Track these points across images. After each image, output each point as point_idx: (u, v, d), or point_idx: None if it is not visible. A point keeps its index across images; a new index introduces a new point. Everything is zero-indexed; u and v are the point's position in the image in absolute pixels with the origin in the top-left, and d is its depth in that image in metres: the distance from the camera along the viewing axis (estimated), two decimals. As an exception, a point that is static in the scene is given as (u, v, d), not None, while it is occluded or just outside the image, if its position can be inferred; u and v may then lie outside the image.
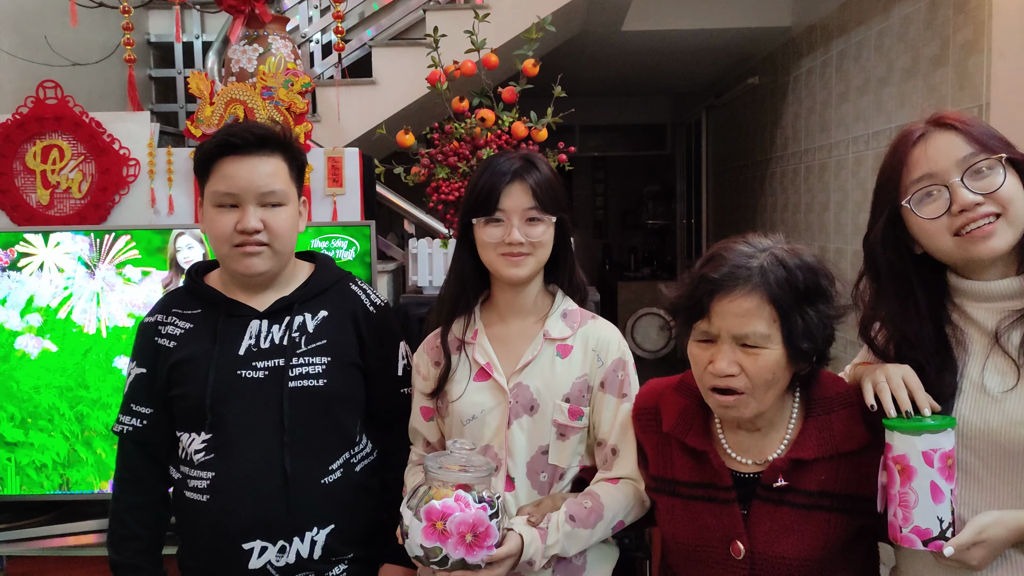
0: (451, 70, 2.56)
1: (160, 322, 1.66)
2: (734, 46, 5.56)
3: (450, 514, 1.36)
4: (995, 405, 1.29)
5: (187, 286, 1.70)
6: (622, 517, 1.58)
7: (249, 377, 1.60)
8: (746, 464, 1.43)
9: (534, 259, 1.59)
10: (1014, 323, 1.30)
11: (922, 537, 1.24)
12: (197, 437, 1.61)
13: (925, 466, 1.24)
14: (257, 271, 1.61)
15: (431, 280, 2.68)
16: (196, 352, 1.61)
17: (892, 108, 3.64)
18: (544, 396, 1.59)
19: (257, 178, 1.58)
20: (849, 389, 1.43)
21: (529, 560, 1.47)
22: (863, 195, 3.94)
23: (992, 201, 1.28)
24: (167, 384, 1.63)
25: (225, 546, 1.57)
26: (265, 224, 1.58)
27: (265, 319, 1.64)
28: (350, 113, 3.90)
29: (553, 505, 1.55)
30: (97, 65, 3.41)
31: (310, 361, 1.63)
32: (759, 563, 1.37)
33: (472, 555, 1.37)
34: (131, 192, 2.54)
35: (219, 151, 1.59)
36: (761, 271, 1.32)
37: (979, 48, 2.92)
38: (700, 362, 1.37)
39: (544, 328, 1.62)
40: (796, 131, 4.98)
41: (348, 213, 2.58)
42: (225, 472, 1.58)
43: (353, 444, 1.69)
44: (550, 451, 1.59)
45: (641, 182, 8.99)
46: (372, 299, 1.76)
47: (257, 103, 2.46)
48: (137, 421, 1.66)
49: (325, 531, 1.62)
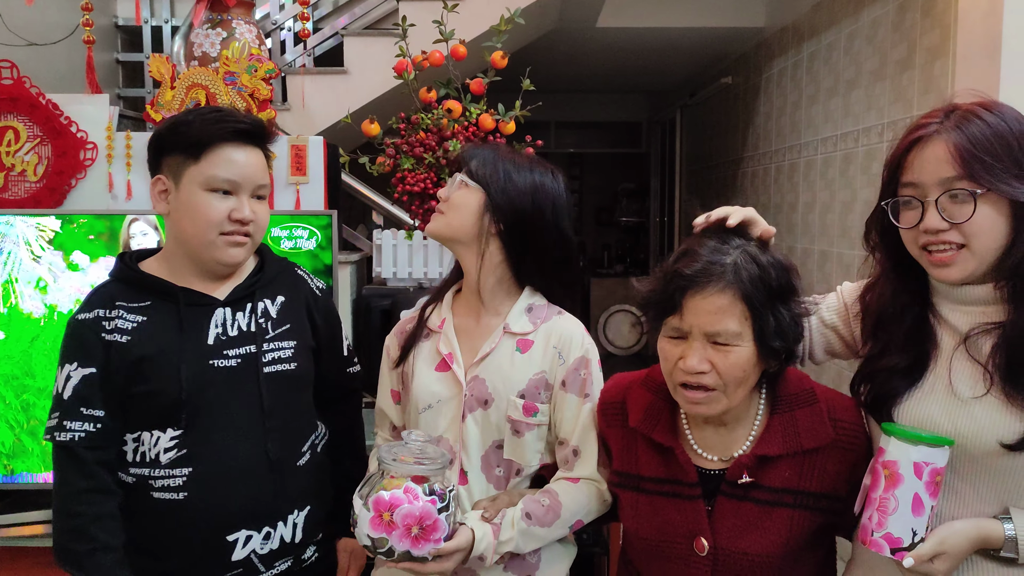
0: (419, 60, 2.54)
1: (104, 317, 1.56)
2: (708, 45, 5.57)
3: (397, 505, 1.35)
4: (965, 410, 1.29)
5: (125, 276, 1.62)
6: (581, 517, 1.56)
7: (222, 366, 1.57)
8: (711, 460, 1.43)
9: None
10: (984, 333, 1.30)
11: (891, 545, 1.25)
12: (163, 435, 1.54)
13: (913, 476, 1.23)
14: (238, 261, 1.60)
15: (395, 272, 2.67)
16: (160, 346, 1.55)
17: (859, 111, 3.66)
18: (499, 391, 1.57)
19: (256, 169, 1.59)
20: (814, 387, 1.43)
21: (480, 556, 1.45)
22: (831, 196, 3.96)
23: (958, 231, 1.26)
24: (126, 383, 1.54)
25: (207, 540, 1.54)
26: (254, 215, 1.58)
27: (228, 307, 1.61)
28: (320, 102, 3.86)
29: (510, 501, 1.54)
30: (61, 47, 3.34)
31: (280, 346, 1.63)
32: (722, 559, 1.37)
33: (418, 548, 1.36)
34: (88, 176, 2.50)
35: (226, 135, 1.55)
36: (734, 268, 1.32)
37: (945, 52, 2.94)
38: (670, 358, 1.37)
39: (505, 322, 1.60)
40: (767, 131, 5.00)
41: (312, 202, 2.56)
42: (204, 466, 1.54)
43: (316, 425, 1.72)
44: (505, 446, 1.58)
45: (616, 179, 8.99)
46: (316, 283, 1.78)
47: (219, 88, 2.42)
48: (90, 426, 1.53)
49: (304, 513, 1.63)
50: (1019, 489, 1.28)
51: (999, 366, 1.27)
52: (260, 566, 1.59)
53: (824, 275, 3.97)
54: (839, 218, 3.85)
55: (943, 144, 1.25)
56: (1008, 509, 1.28)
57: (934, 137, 1.27)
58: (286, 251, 2.24)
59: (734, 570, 1.37)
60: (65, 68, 3.44)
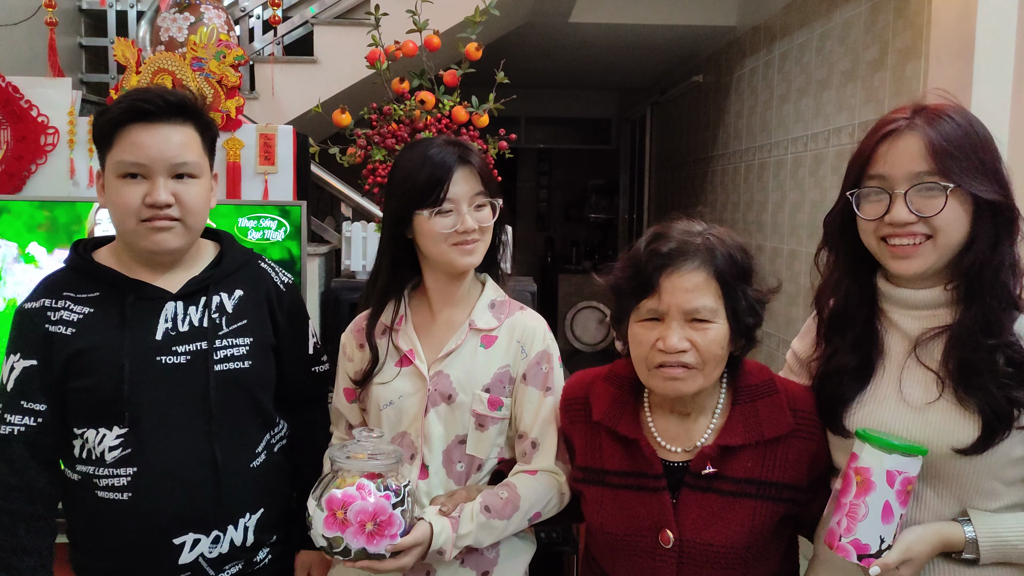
0: (392, 50, 2.50)
1: (50, 307, 1.51)
2: (680, 43, 5.58)
3: (350, 503, 1.34)
4: (918, 416, 1.30)
5: (76, 265, 1.56)
6: (539, 509, 1.56)
7: (169, 363, 1.51)
8: (675, 452, 1.44)
9: (483, 244, 1.57)
10: (934, 337, 1.32)
11: (859, 551, 1.25)
12: (108, 433, 1.49)
13: (885, 484, 1.24)
14: (167, 248, 1.51)
15: (364, 265, 2.63)
16: (101, 340, 1.49)
17: (831, 111, 3.68)
18: (464, 385, 1.56)
19: (169, 148, 1.47)
20: (773, 377, 1.45)
21: (439, 550, 1.44)
22: (800, 196, 3.98)
23: (925, 223, 1.28)
24: (64, 376, 1.49)
25: (152, 543, 1.49)
26: (177, 198, 1.48)
27: (179, 300, 1.55)
28: (290, 92, 3.81)
29: (468, 496, 1.53)
30: (22, 29, 3.25)
31: (233, 343, 1.56)
32: (687, 551, 1.38)
33: (373, 544, 1.35)
34: (49, 162, 2.44)
35: (127, 116, 1.46)
36: (707, 247, 1.36)
37: (917, 53, 2.96)
38: (646, 341, 1.37)
39: (470, 318, 1.59)
40: (738, 130, 5.02)
41: (280, 192, 2.52)
42: (149, 466, 1.49)
43: (273, 425, 1.66)
44: (468, 441, 1.57)
45: (585, 176, 9.01)
46: (281, 277, 1.70)
47: (186, 74, 2.37)
48: (30, 419, 1.49)
49: (256, 516, 1.58)
50: (977, 490, 1.29)
51: (951, 371, 1.28)
52: (209, 570, 1.54)
53: (792, 274, 4.00)
54: (808, 218, 3.87)
55: (916, 139, 1.27)
56: (967, 511, 1.30)
57: (906, 132, 1.29)
58: (253, 242, 2.20)
59: (699, 562, 1.38)
60: (26, 51, 3.35)
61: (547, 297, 7.77)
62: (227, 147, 2.47)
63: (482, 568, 1.57)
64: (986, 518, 1.28)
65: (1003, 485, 1.29)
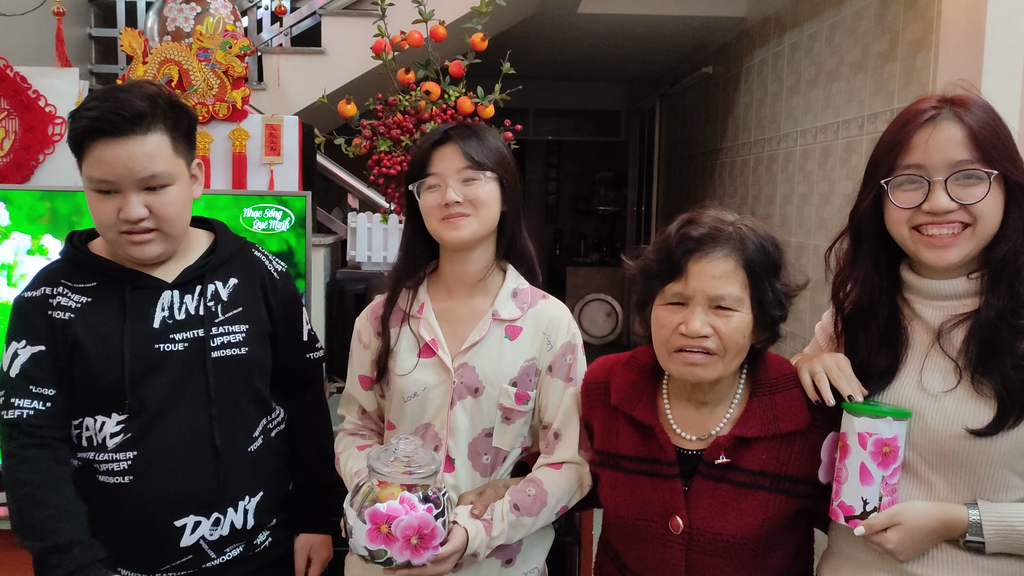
0: (397, 40, 2.50)
1: (49, 295, 1.52)
2: (689, 34, 5.56)
3: (395, 517, 1.32)
4: (934, 403, 1.30)
5: (73, 257, 1.56)
6: (565, 503, 1.57)
7: (168, 351, 1.52)
8: (690, 440, 1.44)
9: (476, 220, 1.52)
10: (956, 324, 1.31)
11: (845, 513, 1.31)
12: (108, 420, 1.51)
13: (858, 447, 1.28)
14: (149, 257, 1.51)
15: (370, 256, 2.64)
16: (102, 329, 1.50)
17: (840, 103, 3.66)
18: (491, 379, 1.55)
19: (135, 163, 1.43)
20: (794, 372, 1.45)
21: (474, 553, 1.45)
22: (809, 188, 3.97)
23: (966, 211, 1.27)
24: (68, 364, 1.51)
25: (154, 525, 1.51)
26: (151, 209, 1.46)
27: (176, 289, 1.56)
28: (297, 82, 3.81)
29: (496, 494, 1.52)
30: (31, 19, 3.26)
31: (230, 330, 1.57)
32: (696, 539, 1.38)
33: (418, 557, 1.35)
34: (57, 152, 2.44)
35: (89, 134, 1.43)
36: (739, 235, 1.36)
37: (927, 45, 2.94)
38: (669, 324, 1.37)
39: (493, 308, 1.58)
40: (747, 122, 5.00)
41: (285, 183, 2.52)
42: (150, 451, 1.51)
43: (270, 410, 1.67)
44: (495, 434, 1.56)
45: (593, 168, 8.98)
46: (275, 265, 1.70)
47: (192, 64, 2.37)
48: (39, 404, 1.50)
49: (255, 499, 1.60)
50: (991, 481, 1.29)
51: (970, 357, 1.29)
52: (211, 552, 1.56)
53: (800, 267, 3.96)
54: (816, 210, 3.86)
55: (956, 127, 1.27)
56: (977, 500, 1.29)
57: (943, 120, 1.28)
58: (258, 232, 2.20)
59: (708, 550, 1.38)
60: (35, 41, 3.36)
61: (555, 289, 7.73)
62: (233, 137, 2.47)
63: (506, 556, 1.58)
64: (994, 504, 1.28)
65: (1018, 477, 1.28)
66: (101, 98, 1.44)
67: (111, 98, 1.43)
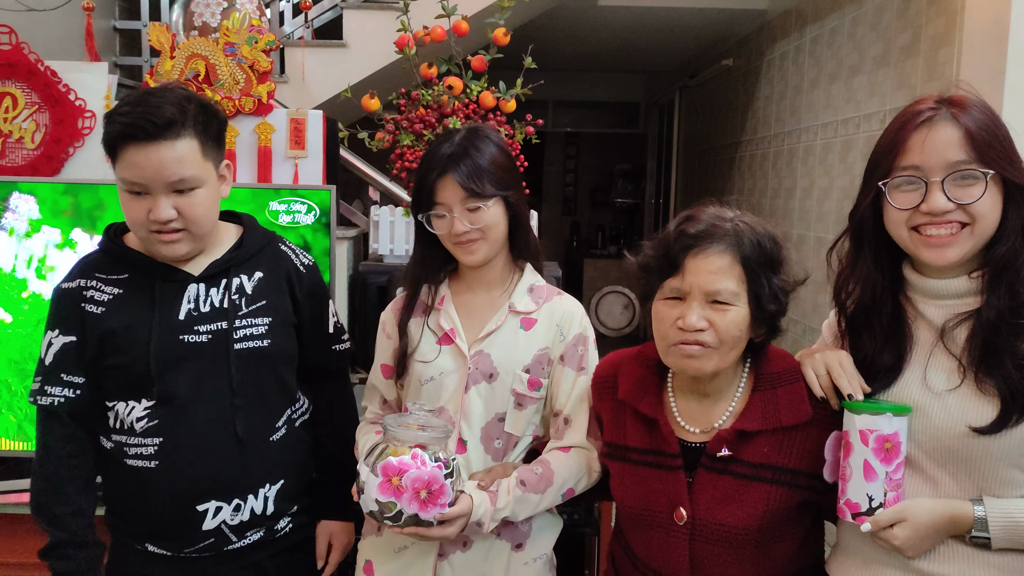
0: (420, 35, 2.51)
1: (84, 287, 1.58)
2: (710, 27, 5.54)
3: (406, 470, 1.38)
4: (938, 402, 1.32)
5: (108, 249, 1.62)
6: (572, 485, 1.61)
7: (192, 342, 1.57)
8: (694, 433, 1.47)
9: (486, 243, 1.60)
10: (960, 323, 1.33)
11: (851, 510, 1.32)
12: (137, 405, 1.57)
13: (860, 444, 1.30)
14: (177, 255, 1.56)
15: (392, 248, 2.66)
16: (131, 320, 1.56)
17: (862, 97, 3.65)
18: (504, 365, 1.61)
19: (165, 167, 1.47)
20: (796, 366, 1.47)
21: (478, 521, 1.50)
22: (829, 182, 3.96)
23: (963, 211, 1.28)
24: (99, 354, 1.57)
25: (178, 509, 1.57)
26: (179, 211, 1.51)
27: (202, 283, 1.60)
28: (319, 75, 3.83)
29: (504, 472, 1.59)
30: (59, 13, 3.30)
31: (253, 323, 1.61)
32: (700, 529, 1.42)
33: (425, 511, 1.40)
34: (86, 145, 2.47)
35: (121, 138, 1.47)
36: (735, 232, 1.38)
37: (950, 40, 2.93)
38: (667, 319, 1.40)
39: (510, 301, 1.65)
40: (767, 115, 4.99)
41: (310, 177, 2.54)
42: (175, 437, 1.57)
43: (294, 401, 1.72)
44: (507, 419, 1.62)
45: (612, 160, 8.97)
46: (301, 259, 1.74)
47: (219, 59, 2.40)
48: (70, 392, 1.58)
49: (276, 487, 1.64)
50: (996, 478, 1.30)
51: (973, 355, 1.30)
52: (232, 536, 1.61)
53: (820, 262, 3.96)
54: (836, 205, 3.85)
55: (952, 127, 1.28)
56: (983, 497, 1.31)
57: (939, 121, 1.29)
58: (284, 225, 2.23)
59: (711, 540, 1.41)
60: (63, 34, 3.40)
61: (572, 282, 7.78)
62: (258, 131, 2.50)
63: (516, 540, 1.64)
64: (1000, 500, 1.29)
65: (1022, 474, 1.29)
66: (134, 103, 1.48)
67: (143, 103, 1.47)
